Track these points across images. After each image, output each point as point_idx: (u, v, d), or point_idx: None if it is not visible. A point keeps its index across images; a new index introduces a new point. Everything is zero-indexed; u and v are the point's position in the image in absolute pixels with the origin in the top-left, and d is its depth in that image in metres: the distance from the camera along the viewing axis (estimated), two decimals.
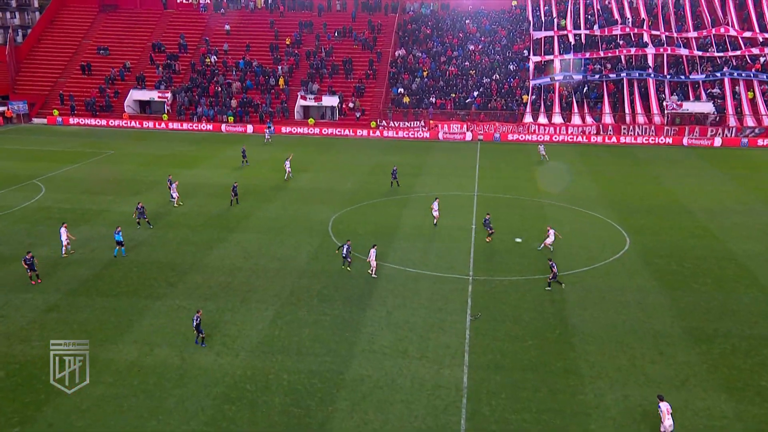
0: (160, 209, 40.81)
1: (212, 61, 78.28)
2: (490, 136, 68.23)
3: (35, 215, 39.70)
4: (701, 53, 72.22)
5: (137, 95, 75.63)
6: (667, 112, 68.06)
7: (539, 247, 34.03)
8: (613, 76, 71.21)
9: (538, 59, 73.86)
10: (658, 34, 74.35)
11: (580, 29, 76.57)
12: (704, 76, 70.44)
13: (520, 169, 54.61)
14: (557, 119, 69.34)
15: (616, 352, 23.80)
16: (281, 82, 75.16)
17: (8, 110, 74.70)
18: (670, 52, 72.22)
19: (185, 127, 72.10)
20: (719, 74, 70.16)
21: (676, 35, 74.22)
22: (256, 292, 28.80)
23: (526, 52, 76.10)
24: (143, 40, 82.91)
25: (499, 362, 23.08)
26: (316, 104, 73.18)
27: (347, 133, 70.29)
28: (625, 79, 70.76)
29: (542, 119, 69.27)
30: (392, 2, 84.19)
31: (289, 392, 21.15)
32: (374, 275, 30.23)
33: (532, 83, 71.93)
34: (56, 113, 74.98)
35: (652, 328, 25.64)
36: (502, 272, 31.19)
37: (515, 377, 22.14)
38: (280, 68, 76.52)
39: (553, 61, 73.63)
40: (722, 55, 71.71)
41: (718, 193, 46.68)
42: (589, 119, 69.08)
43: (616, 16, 77.24)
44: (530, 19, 79.74)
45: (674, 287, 29.61)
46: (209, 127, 71.57)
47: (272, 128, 67.19)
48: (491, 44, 78.58)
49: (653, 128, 67.26)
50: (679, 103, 67.99)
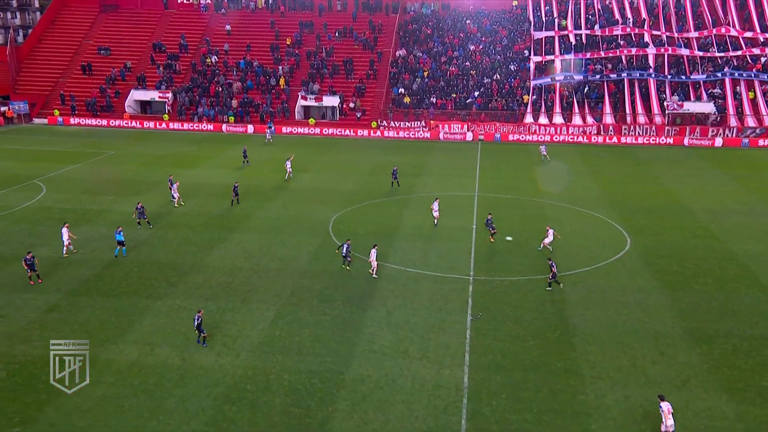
0: (160, 209, 40.82)
1: (213, 61, 78.30)
2: (490, 136, 68.22)
3: (36, 215, 39.72)
4: (702, 53, 72.19)
5: (138, 95, 75.67)
6: (668, 112, 68.04)
7: (539, 247, 34.05)
8: (613, 76, 71.19)
9: (538, 59, 73.84)
10: (659, 34, 74.33)
11: (580, 29, 76.56)
12: (705, 76, 70.41)
13: (520, 169, 54.60)
14: (558, 119, 69.32)
15: (617, 352, 23.79)
16: (282, 82, 75.17)
17: (9, 110, 74.75)
18: (671, 52, 72.20)
19: (186, 127, 72.13)
20: (720, 74, 70.14)
21: (677, 35, 74.20)
22: (256, 292, 28.81)
23: (526, 52, 76.08)
24: (144, 40, 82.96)
25: (499, 362, 23.07)
26: (316, 104, 73.19)
27: (348, 133, 70.30)
28: (625, 79, 70.75)
29: (543, 119, 69.24)
30: (393, 2, 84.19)
31: (289, 392, 21.15)
32: (375, 275, 30.23)
33: (532, 83, 71.91)
34: (57, 113, 75.01)
35: (653, 328, 25.63)
36: (502, 272, 31.18)
37: (516, 377, 22.13)
38: (280, 68, 76.53)
39: (553, 61, 73.61)
40: (723, 55, 71.68)
41: (719, 193, 46.66)
42: (589, 119, 69.06)
43: (616, 16, 77.20)
44: (531, 19, 79.72)
45: (675, 287, 29.60)
46: (210, 127, 71.61)
47: (273, 128, 67.19)
48: (492, 44, 78.58)
49: (654, 128, 67.24)
50: (680, 103, 67.97)
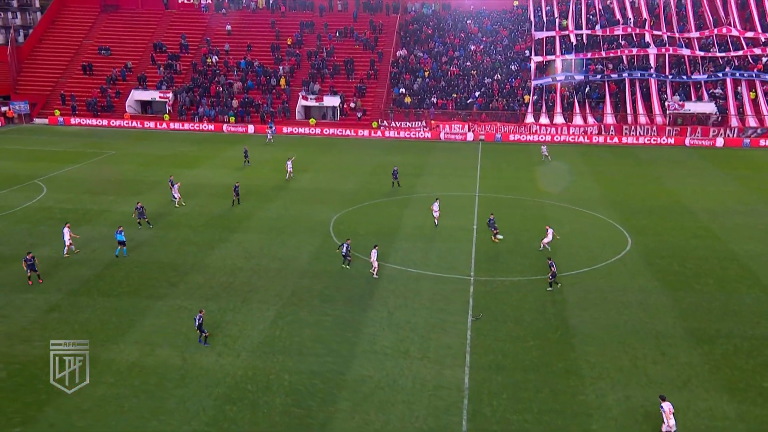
0: (161, 209, 40.82)
1: (213, 61, 78.29)
2: (491, 136, 68.18)
3: (37, 215, 39.72)
4: (703, 53, 72.12)
5: (138, 95, 75.66)
6: (669, 112, 67.98)
7: (540, 247, 34.01)
8: (614, 76, 71.13)
9: (539, 59, 73.79)
10: (660, 34, 74.28)
11: (581, 29, 76.53)
12: (706, 76, 70.34)
13: (521, 169, 54.57)
14: (559, 119, 69.28)
15: (617, 352, 23.76)
16: (282, 82, 75.16)
17: (10, 110, 74.78)
18: (672, 52, 72.14)
19: (186, 127, 72.13)
20: (721, 74, 70.07)
21: (678, 35, 74.15)
22: (257, 292, 28.79)
23: (527, 52, 76.05)
24: (144, 40, 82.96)
25: (500, 363, 23.06)
26: (317, 104, 73.17)
27: (348, 133, 70.27)
28: (626, 79, 70.68)
29: (544, 119, 69.19)
30: (393, 2, 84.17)
31: (290, 393, 21.13)
32: (376, 276, 30.21)
33: (533, 83, 71.87)
34: (57, 113, 75.01)
35: (653, 328, 25.61)
36: (503, 273, 31.16)
37: (517, 378, 22.11)
38: (281, 68, 76.52)
39: (554, 61, 73.55)
40: (724, 55, 71.61)
41: (720, 193, 46.63)
42: (590, 119, 69.01)
43: (617, 16, 77.15)
44: (532, 19, 79.69)
45: (676, 288, 29.58)
46: (210, 127, 71.61)
47: (273, 128, 67.18)
48: (493, 44, 78.55)
49: (655, 128, 67.18)
50: (681, 103, 67.91)
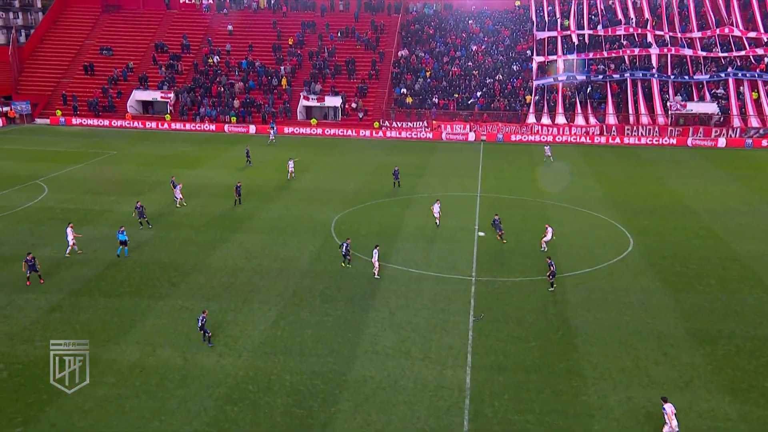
0: (163, 209, 40.83)
1: (215, 61, 78.33)
2: (493, 136, 68.13)
3: (38, 215, 39.73)
4: (705, 53, 72.04)
5: (140, 95, 75.76)
6: (671, 112, 67.91)
7: (542, 248, 33.94)
8: (616, 76, 71.08)
9: (541, 59, 73.75)
10: (662, 34, 74.21)
11: (583, 29, 76.47)
12: (708, 76, 70.28)
13: (523, 169, 54.52)
14: (560, 120, 69.24)
15: (619, 353, 23.71)
16: (284, 82, 75.18)
17: (11, 110, 74.87)
18: (674, 52, 72.06)
19: (188, 127, 72.18)
20: (723, 74, 70.00)
21: (680, 35, 74.07)
22: (258, 292, 28.77)
23: (529, 52, 76.02)
24: (146, 40, 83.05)
25: (502, 363, 23.01)
26: (318, 104, 73.19)
27: (350, 133, 70.26)
28: (628, 79, 70.63)
29: (545, 120, 69.15)
30: (395, 2, 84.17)
31: (291, 393, 21.10)
32: (377, 276, 30.18)
33: (535, 83, 71.82)
34: (59, 113, 75.11)
35: (655, 329, 25.55)
36: (504, 273, 31.11)
37: (518, 378, 22.07)
38: (282, 68, 76.55)
39: (556, 61, 73.48)
40: (726, 55, 71.53)
41: (722, 193, 46.55)
42: (592, 120, 68.96)
43: (619, 16, 77.09)
44: (533, 19, 79.65)
45: (678, 288, 29.52)
46: (212, 127, 71.64)
47: (275, 128, 67.17)
48: (494, 44, 78.51)
49: (657, 129, 67.10)
50: (683, 103, 67.83)
